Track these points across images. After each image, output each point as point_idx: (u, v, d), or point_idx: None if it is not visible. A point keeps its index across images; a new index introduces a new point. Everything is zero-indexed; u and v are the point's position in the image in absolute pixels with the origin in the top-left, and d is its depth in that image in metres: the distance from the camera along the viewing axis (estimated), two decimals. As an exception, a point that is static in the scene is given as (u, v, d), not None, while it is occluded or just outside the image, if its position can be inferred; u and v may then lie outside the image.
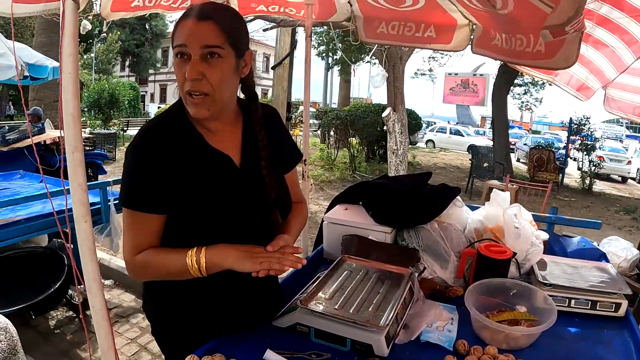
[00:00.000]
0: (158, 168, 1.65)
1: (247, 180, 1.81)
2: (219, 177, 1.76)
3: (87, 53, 36.48)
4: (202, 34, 1.58)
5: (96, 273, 1.66)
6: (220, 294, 1.87)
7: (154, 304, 1.98)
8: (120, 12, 3.38)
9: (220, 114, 1.76)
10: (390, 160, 10.32)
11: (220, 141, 1.80)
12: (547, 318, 1.90)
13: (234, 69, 1.68)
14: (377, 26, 3.71)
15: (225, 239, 1.70)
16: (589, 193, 16.83)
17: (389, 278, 2.15)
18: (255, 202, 1.80)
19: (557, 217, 3.39)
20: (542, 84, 25.80)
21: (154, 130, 1.71)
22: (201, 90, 1.61)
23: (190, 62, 1.58)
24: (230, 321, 1.91)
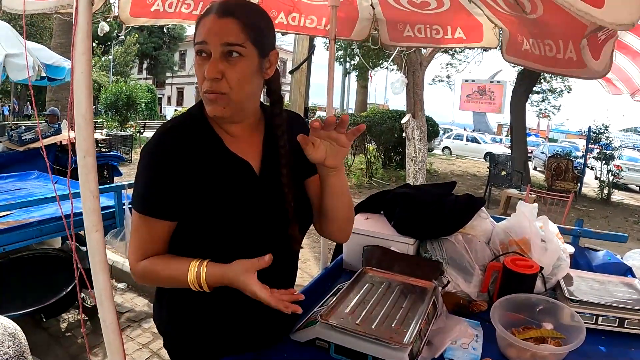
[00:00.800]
0: (172, 172, 1.58)
1: (265, 188, 1.72)
2: (236, 184, 1.67)
3: (105, 55, 36.75)
4: (222, 31, 1.51)
5: (107, 286, 1.59)
6: (235, 306, 1.77)
7: (165, 313, 1.90)
8: (140, 17, 3.38)
9: (240, 116, 1.68)
10: (409, 168, 10.26)
11: (240, 146, 1.71)
12: (575, 336, 1.83)
13: (256, 69, 1.60)
14: (402, 29, 3.67)
15: (239, 249, 1.62)
16: (608, 203, 16.66)
17: (412, 292, 2.08)
18: (273, 212, 1.72)
19: (584, 230, 3.31)
20: (561, 91, 25.62)
21: (171, 132, 1.64)
22: (219, 90, 1.54)
23: (210, 60, 1.52)
24: (245, 334, 1.84)
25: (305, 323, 1.92)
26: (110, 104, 24.62)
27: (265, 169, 1.74)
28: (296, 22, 3.72)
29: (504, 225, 2.73)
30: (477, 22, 3.29)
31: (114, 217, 4.60)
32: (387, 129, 16.62)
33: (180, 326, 1.86)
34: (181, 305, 1.81)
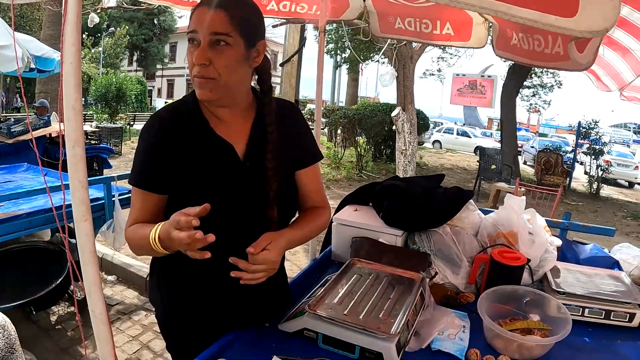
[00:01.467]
0: (162, 150, 1.71)
1: (248, 172, 1.79)
2: (218, 166, 1.77)
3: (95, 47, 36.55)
4: (211, 21, 1.60)
5: (96, 277, 1.59)
6: (227, 288, 1.84)
7: (160, 291, 2.02)
8: None
9: (228, 101, 1.78)
10: (399, 161, 10.27)
11: (228, 130, 1.81)
12: (561, 327, 1.85)
13: (242, 57, 1.69)
14: (393, 22, 3.67)
15: (220, 229, 1.65)
16: (596, 198, 16.77)
17: (399, 283, 2.10)
18: (254, 196, 1.78)
19: (571, 223, 3.33)
20: (551, 86, 25.70)
21: (164, 114, 1.79)
22: (207, 75, 1.64)
23: (199, 48, 1.62)
24: (237, 316, 1.91)
25: (294, 314, 1.93)
26: (100, 96, 24.52)
27: (250, 153, 1.81)
28: (287, 8, 3.71)
29: (492, 218, 2.75)
30: (467, 16, 3.29)
31: (103, 209, 4.57)
32: (378, 122, 16.61)
33: (167, 299, 1.98)
34: (170, 278, 1.94)
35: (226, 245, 1.69)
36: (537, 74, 23.78)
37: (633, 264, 3.88)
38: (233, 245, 1.71)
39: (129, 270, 5.69)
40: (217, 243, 1.62)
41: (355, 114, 17.02)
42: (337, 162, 16.64)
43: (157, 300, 2.04)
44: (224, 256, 1.71)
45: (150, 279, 2.08)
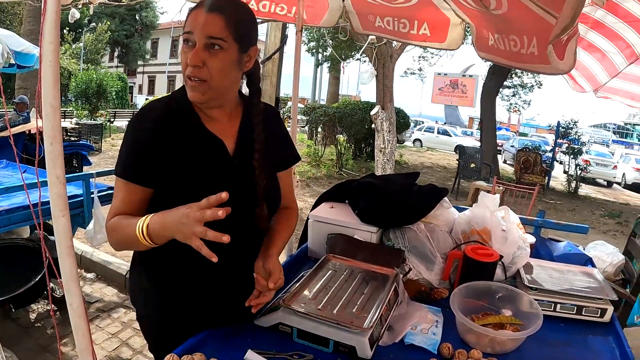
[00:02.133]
0: (152, 142, 1.70)
1: (237, 168, 1.82)
2: (209, 161, 1.79)
3: (76, 42, 36.22)
4: (208, 24, 1.63)
5: (74, 271, 1.61)
6: (204, 282, 1.88)
7: (142, 291, 2.01)
8: None
9: (218, 103, 1.82)
10: (378, 159, 10.30)
11: (217, 127, 1.84)
12: (533, 322, 1.88)
13: (235, 62, 1.72)
14: (373, 20, 3.70)
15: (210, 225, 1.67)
16: (575, 196, 16.93)
17: (373, 279, 2.13)
18: (243, 193, 1.79)
19: (545, 221, 3.38)
20: (531, 86, 25.88)
21: (154, 107, 1.79)
22: (200, 76, 1.66)
23: (194, 49, 1.64)
24: (213, 312, 1.91)
25: (269, 309, 1.95)
26: (81, 92, 24.31)
27: (238, 151, 1.86)
28: (267, 9, 3.74)
29: (466, 216, 2.78)
30: (444, 16, 3.32)
31: (82, 206, 4.55)
32: (358, 120, 16.64)
33: (150, 296, 1.97)
34: (152, 274, 1.93)
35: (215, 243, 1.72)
36: (517, 74, 23.92)
37: (607, 261, 3.97)
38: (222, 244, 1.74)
39: (108, 267, 5.67)
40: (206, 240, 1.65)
41: (336, 112, 17.04)
42: (318, 160, 16.65)
43: (139, 300, 2.03)
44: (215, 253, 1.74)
45: (131, 279, 2.07)
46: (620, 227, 12.18)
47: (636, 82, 3.76)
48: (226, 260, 1.76)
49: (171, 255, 1.75)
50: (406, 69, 27.36)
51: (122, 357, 4.16)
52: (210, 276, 1.84)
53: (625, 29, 3.04)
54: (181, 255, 1.75)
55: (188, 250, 1.67)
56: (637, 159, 25.27)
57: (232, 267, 1.84)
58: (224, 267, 1.75)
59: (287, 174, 2.14)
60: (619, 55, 3.36)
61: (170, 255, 1.76)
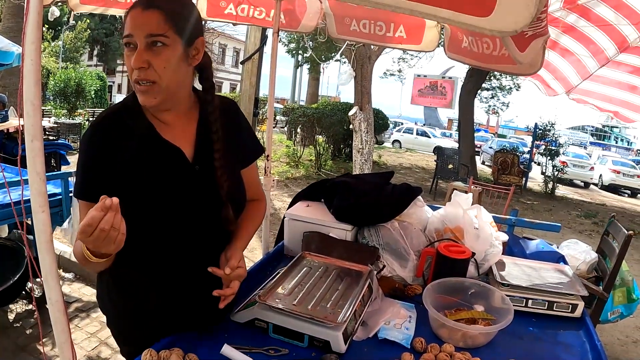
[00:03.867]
0: (105, 158, 1.65)
1: (198, 174, 1.78)
2: (168, 170, 1.73)
3: (55, 40, 35.86)
4: (146, 23, 1.58)
5: (53, 265, 1.62)
6: (172, 287, 1.84)
7: (106, 291, 1.96)
8: (90, 5, 3.35)
9: (171, 104, 1.74)
10: (355, 159, 10.34)
11: (173, 133, 1.77)
12: (504, 317, 1.92)
13: (181, 57, 1.66)
14: (348, 24, 3.73)
15: (175, 234, 1.69)
16: (552, 197, 17.09)
17: (348, 275, 2.16)
18: (206, 197, 1.78)
19: (518, 220, 3.44)
20: (510, 88, 26.12)
21: (104, 121, 1.72)
22: (147, 78, 1.61)
23: (137, 51, 1.59)
24: (183, 316, 1.88)
25: (245, 305, 1.97)
26: (59, 91, 24.06)
27: (198, 155, 1.80)
28: (245, 13, 3.75)
29: (439, 214, 2.83)
30: (419, 20, 3.37)
31: (61, 205, 4.55)
32: (337, 120, 16.62)
33: (120, 305, 1.92)
34: (121, 283, 1.87)
35: (183, 248, 1.75)
36: (495, 77, 24.15)
37: (580, 259, 4.03)
38: (190, 248, 1.76)
39: (86, 267, 5.63)
40: (173, 247, 1.67)
41: (315, 112, 17.01)
42: (296, 160, 16.62)
43: (108, 306, 1.99)
44: (181, 259, 1.76)
45: (98, 286, 2.02)
46: (596, 227, 12.29)
47: (607, 84, 3.83)
48: (194, 263, 1.79)
49: (137, 261, 1.72)
50: (385, 70, 27.44)
51: (101, 357, 4.14)
52: (179, 280, 1.81)
53: (596, 33, 3.11)
54: (148, 261, 1.74)
55: (154, 255, 1.69)
56: (613, 160, 25.66)
57: (200, 270, 1.77)
58: (193, 271, 1.77)
59: (252, 168, 2.07)
60: (591, 59, 3.43)
61: (136, 261, 1.72)
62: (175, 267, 1.75)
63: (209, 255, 1.81)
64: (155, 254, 1.74)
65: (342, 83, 9.62)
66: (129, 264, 1.72)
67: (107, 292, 1.95)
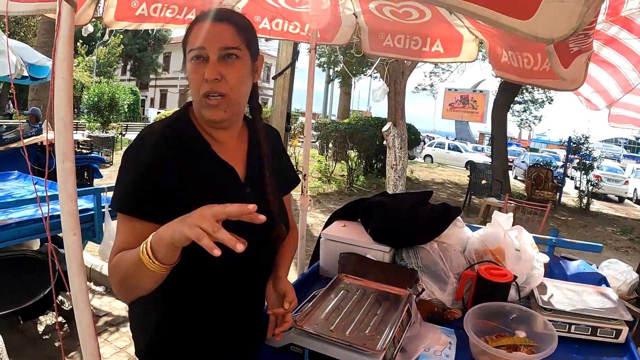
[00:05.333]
0: (155, 173, 1.56)
1: (250, 196, 1.73)
2: (221, 188, 1.68)
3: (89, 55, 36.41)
4: (220, 35, 1.57)
5: (83, 288, 1.59)
6: (215, 311, 1.77)
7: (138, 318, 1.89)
8: (124, 21, 3.38)
9: (235, 120, 1.74)
10: (389, 175, 10.29)
11: (227, 152, 1.74)
12: (547, 344, 1.85)
13: (249, 71, 1.67)
14: (382, 39, 3.71)
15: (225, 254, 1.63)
16: (586, 213, 16.81)
17: (386, 299, 2.10)
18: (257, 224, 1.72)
19: (559, 240, 3.35)
20: (542, 101, 25.86)
21: (155, 135, 1.64)
22: (219, 91, 1.58)
23: (209, 63, 1.56)
24: (221, 341, 1.82)
25: (281, 329, 1.93)
26: (93, 105, 24.46)
27: (249, 175, 1.77)
28: (279, 27, 3.75)
29: (479, 235, 2.76)
30: (457, 33, 3.33)
31: (92, 220, 4.56)
32: (369, 136, 16.61)
33: (153, 334, 1.83)
34: (155, 311, 1.77)
35: (229, 271, 1.69)
36: (528, 90, 23.92)
37: (621, 280, 3.92)
38: (236, 271, 1.70)
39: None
40: (219, 270, 1.62)
41: (347, 127, 17.03)
42: (328, 175, 16.62)
43: (140, 329, 1.89)
44: (227, 282, 1.71)
45: (132, 310, 1.91)
46: (633, 244, 12.07)
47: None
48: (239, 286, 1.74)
49: (178, 284, 1.62)
50: (417, 85, 27.35)
51: (130, 372, 4.15)
52: (222, 304, 1.75)
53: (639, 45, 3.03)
54: (192, 284, 1.68)
55: (199, 278, 1.64)
56: (648, 173, 25.13)
57: (243, 293, 1.76)
58: (236, 294, 1.73)
59: (287, 197, 2.08)
60: (633, 71, 3.35)
61: (177, 284, 1.62)
62: (220, 290, 1.70)
63: (255, 278, 1.80)
64: (201, 277, 1.68)
65: (376, 99, 9.56)
66: (171, 290, 1.64)
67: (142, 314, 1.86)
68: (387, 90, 9.58)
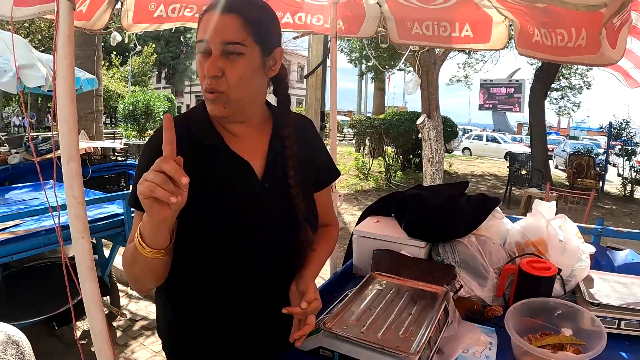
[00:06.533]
0: None
1: (267, 192, 1.64)
2: (235, 184, 1.61)
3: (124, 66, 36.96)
4: (222, 28, 1.46)
5: (95, 293, 1.55)
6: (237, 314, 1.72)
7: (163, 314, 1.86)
8: (143, 23, 3.43)
9: (243, 116, 1.64)
10: (426, 169, 10.19)
11: (243, 147, 1.65)
12: (595, 342, 1.71)
13: (258, 67, 1.55)
14: (410, 27, 3.65)
15: (239, 255, 1.56)
16: (630, 200, 16.39)
17: (422, 297, 1.99)
18: (278, 217, 1.65)
19: (605, 229, 3.20)
20: (580, 87, 25.45)
21: None
22: (218, 89, 1.50)
23: (210, 58, 1.48)
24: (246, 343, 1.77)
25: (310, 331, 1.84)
26: (129, 114, 24.86)
27: (269, 171, 1.67)
28: (302, 21, 3.70)
29: (519, 226, 2.62)
30: (486, 15, 3.24)
31: (123, 225, 4.57)
32: (405, 130, 16.55)
33: (179, 331, 1.80)
34: (181, 307, 1.76)
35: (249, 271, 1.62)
36: (564, 76, 23.54)
37: (672, 270, 3.73)
38: (256, 271, 1.64)
39: (154, 284, 5.68)
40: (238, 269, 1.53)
41: (382, 123, 17.03)
42: (366, 172, 16.58)
43: (164, 331, 1.89)
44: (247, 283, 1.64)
45: (157, 308, 1.92)
46: (682, 231, 11.72)
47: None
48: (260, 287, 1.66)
49: (197, 283, 1.61)
50: (451, 77, 27.13)
51: (166, 375, 4.15)
52: (244, 307, 1.69)
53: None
54: (211, 286, 1.63)
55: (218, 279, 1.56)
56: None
57: (266, 294, 1.69)
58: (258, 296, 1.66)
59: (326, 191, 1.96)
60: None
61: (196, 283, 1.61)
62: (240, 292, 1.64)
63: (276, 279, 1.70)
64: (219, 278, 1.63)
65: (409, 92, 9.49)
66: (186, 282, 1.62)
67: (162, 314, 1.86)
68: (419, 82, 9.48)
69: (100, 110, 14.83)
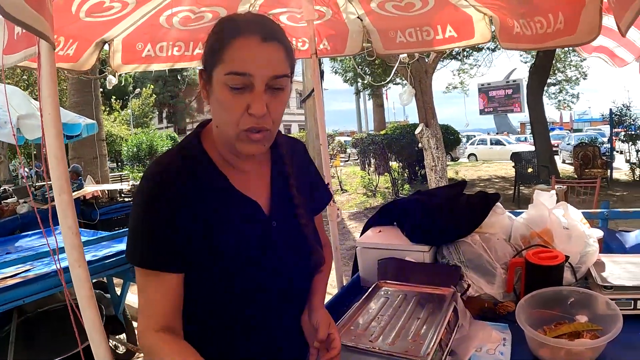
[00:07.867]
0: (174, 217, 1.36)
1: (275, 229, 1.54)
2: (244, 227, 1.48)
3: (124, 109, 37.19)
4: (270, 60, 1.30)
5: (97, 320, 1.54)
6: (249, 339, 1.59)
7: None
8: (132, 64, 3.46)
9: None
10: (430, 178, 10.18)
11: (247, 184, 1.51)
12: (612, 325, 1.68)
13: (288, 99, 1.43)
14: (394, 37, 3.67)
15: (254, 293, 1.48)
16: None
17: (429, 301, 1.96)
18: (287, 250, 1.56)
19: (610, 211, 3.17)
20: (576, 79, 25.45)
21: (166, 172, 1.40)
22: (264, 127, 1.34)
23: (255, 94, 1.29)
24: None
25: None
26: (133, 155, 25.09)
27: (274, 205, 1.57)
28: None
29: (522, 219, 2.61)
30: (465, 14, 3.27)
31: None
32: (407, 143, 16.61)
33: None
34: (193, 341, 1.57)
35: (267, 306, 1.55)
36: (559, 70, 23.54)
37: (684, 248, 3.69)
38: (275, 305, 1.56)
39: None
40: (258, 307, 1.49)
41: (384, 138, 17.09)
42: (372, 189, 16.57)
43: None
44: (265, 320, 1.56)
45: None
46: (694, 210, 11.62)
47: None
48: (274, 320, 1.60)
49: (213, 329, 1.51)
50: (447, 84, 27.11)
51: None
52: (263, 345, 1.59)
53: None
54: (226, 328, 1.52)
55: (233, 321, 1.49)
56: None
57: (286, 330, 1.62)
58: (277, 332, 1.59)
59: (319, 214, 1.87)
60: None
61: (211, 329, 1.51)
62: (260, 331, 1.56)
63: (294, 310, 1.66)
64: (236, 319, 1.52)
65: (404, 103, 9.48)
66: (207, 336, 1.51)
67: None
68: (413, 92, 9.46)
69: (105, 154, 15.02)
